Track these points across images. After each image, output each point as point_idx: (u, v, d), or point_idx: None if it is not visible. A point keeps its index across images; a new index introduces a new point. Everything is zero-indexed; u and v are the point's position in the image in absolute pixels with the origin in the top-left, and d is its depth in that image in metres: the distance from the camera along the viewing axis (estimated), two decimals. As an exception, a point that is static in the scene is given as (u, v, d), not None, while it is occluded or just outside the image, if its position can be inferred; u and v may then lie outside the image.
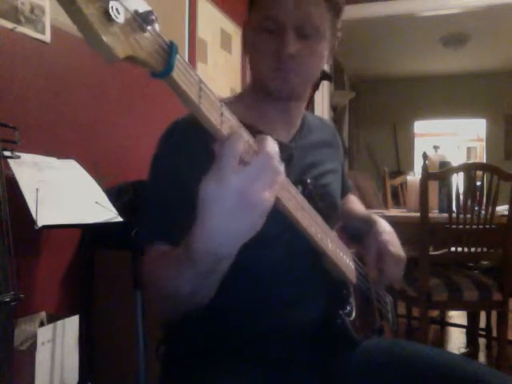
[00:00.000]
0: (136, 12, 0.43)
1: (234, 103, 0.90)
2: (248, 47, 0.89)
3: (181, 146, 0.81)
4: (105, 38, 0.39)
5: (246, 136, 0.53)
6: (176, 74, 0.47)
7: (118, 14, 0.41)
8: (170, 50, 0.46)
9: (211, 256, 0.56)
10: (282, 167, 0.55)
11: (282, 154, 0.87)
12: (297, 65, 0.81)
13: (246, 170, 0.50)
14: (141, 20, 0.43)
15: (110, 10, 0.40)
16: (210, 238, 0.53)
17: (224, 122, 0.53)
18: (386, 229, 0.96)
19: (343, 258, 0.83)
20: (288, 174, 0.84)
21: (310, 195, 0.76)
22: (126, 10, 0.42)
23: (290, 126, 0.92)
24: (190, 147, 0.78)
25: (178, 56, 0.47)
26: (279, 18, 0.80)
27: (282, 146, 0.89)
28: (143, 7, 0.44)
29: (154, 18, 0.44)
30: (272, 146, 0.53)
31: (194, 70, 0.51)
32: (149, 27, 0.44)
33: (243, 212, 0.50)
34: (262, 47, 0.82)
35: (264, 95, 0.87)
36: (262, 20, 0.82)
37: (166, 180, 0.80)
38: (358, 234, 1.00)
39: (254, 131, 0.86)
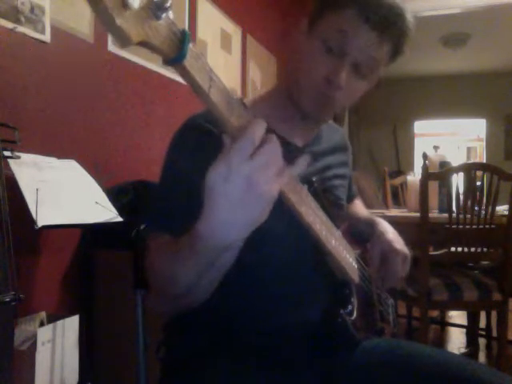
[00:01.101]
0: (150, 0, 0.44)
1: (255, 105, 0.90)
2: (297, 52, 0.85)
3: (194, 142, 0.80)
4: (120, 22, 0.40)
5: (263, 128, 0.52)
6: (187, 62, 0.48)
7: (134, 0, 0.41)
8: (182, 38, 0.47)
9: (214, 246, 0.55)
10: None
11: (295, 157, 0.87)
12: (339, 96, 0.80)
13: (255, 158, 0.49)
14: (155, 7, 0.44)
15: None
16: (215, 227, 0.53)
17: (234, 112, 0.53)
18: (388, 229, 0.97)
19: (347, 257, 0.83)
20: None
21: (315, 193, 0.76)
22: None
23: (307, 134, 0.93)
24: (203, 144, 0.78)
25: (190, 45, 0.48)
26: (347, 39, 0.77)
27: (297, 149, 0.89)
28: None
29: (168, 5, 0.45)
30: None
31: (206, 60, 0.51)
32: (163, 14, 0.45)
33: (250, 201, 0.50)
34: (314, 64, 0.79)
35: (290, 104, 0.86)
36: (329, 33, 0.78)
37: (177, 176, 0.80)
38: (361, 236, 1.00)
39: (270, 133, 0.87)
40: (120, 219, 1.21)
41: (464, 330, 3.08)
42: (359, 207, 1.18)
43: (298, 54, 0.84)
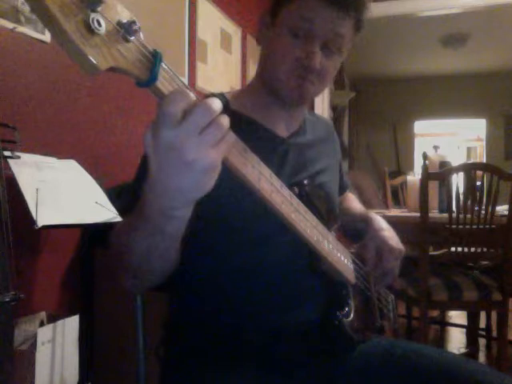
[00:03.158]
0: (119, 23, 0.43)
1: (237, 97, 0.91)
2: (265, 44, 0.87)
3: None
4: (86, 52, 0.39)
5: (192, 97, 0.50)
6: (160, 83, 0.47)
7: (100, 26, 0.40)
8: (154, 60, 0.46)
9: (158, 211, 0.55)
10: (227, 125, 0.52)
11: (279, 148, 0.88)
12: (315, 77, 0.82)
13: (181, 125, 0.48)
14: (124, 31, 0.43)
15: (91, 23, 0.39)
16: (155, 192, 0.53)
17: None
18: (382, 225, 0.97)
19: (341, 259, 0.83)
20: (283, 170, 0.84)
21: (306, 197, 0.76)
22: (108, 21, 0.42)
23: (290, 124, 0.93)
24: None
25: (162, 64, 0.47)
26: (313, 25, 0.79)
27: (279, 140, 0.89)
28: (126, 17, 0.44)
29: (137, 27, 0.44)
30: (215, 104, 0.50)
31: (180, 78, 0.50)
32: (132, 37, 0.44)
33: (180, 169, 0.49)
34: (285, 51, 0.81)
35: (271, 93, 0.87)
36: (294, 22, 0.80)
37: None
38: (355, 232, 1.00)
39: (256, 125, 0.87)
40: (120, 219, 1.21)
41: (464, 329, 3.08)
42: (352, 201, 1.17)
43: (269, 45, 0.86)
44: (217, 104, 0.50)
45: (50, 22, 0.37)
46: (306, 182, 0.81)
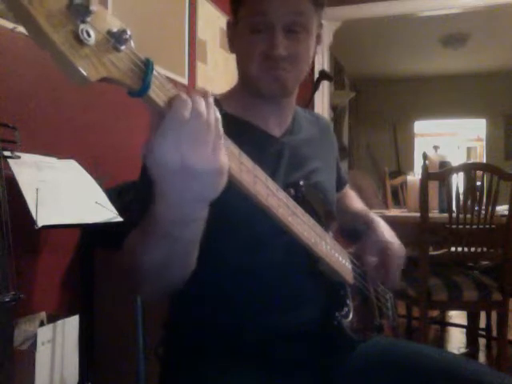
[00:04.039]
0: (109, 32, 0.42)
1: (228, 99, 0.90)
2: (234, 47, 0.89)
3: None
4: (76, 63, 0.38)
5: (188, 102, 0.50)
6: (153, 92, 0.47)
7: (89, 36, 0.40)
8: (145, 68, 0.46)
9: (171, 219, 0.55)
10: (215, 122, 0.52)
11: (273, 148, 0.88)
12: (287, 63, 0.82)
13: (181, 136, 0.49)
14: (114, 40, 0.43)
15: (80, 34, 0.39)
16: (164, 201, 0.53)
17: None
18: (384, 228, 0.96)
19: (339, 259, 0.83)
20: (278, 171, 0.84)
21: (303, 198, 0.76)
22: (97, 31, 0.41)
23: (282, 122, 0.92)
24: None
25: (154, 72, 0.47)
26: (267, 16, 0.79)
27: (273, 140, 0.89)
28: (116, 26, 0.43)
29: (128, 36, 0.43)
30: (202, 107, 0.50)
31: (171, 85, 0.50)
32: (123, 46, 0.43)
33: (187, 177, 0.50)
34: (250, 48, 0.82)
35: (254, 93, 0.87)
36: (250, 18, 0.81)
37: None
38: (354, 233, 1.00)
39: (249, 126, 0.87)
40: (120, 219, 1.21)
41: (464, 329, 3.08)
42: (352, 199, 1.16)
43: (238, 48, 0.87)
44: (202, 106, 0.50)
45: (38, 33, 0.37)
46: (301, 182, 0.80)
